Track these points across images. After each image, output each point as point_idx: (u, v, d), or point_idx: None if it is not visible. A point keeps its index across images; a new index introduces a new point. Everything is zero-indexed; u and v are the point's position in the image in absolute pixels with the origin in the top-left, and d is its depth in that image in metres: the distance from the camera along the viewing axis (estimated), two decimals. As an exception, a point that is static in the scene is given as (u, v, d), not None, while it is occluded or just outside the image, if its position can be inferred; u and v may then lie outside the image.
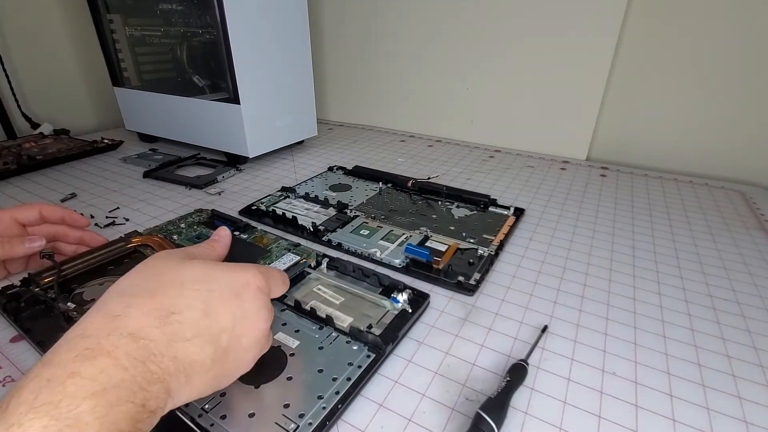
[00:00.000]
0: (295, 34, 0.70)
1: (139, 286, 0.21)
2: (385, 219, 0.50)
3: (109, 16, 0.75)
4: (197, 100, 0.69)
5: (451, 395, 0.28)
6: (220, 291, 0.22)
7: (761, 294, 0.39)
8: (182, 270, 0.22)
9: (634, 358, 0.31)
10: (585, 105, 0.73)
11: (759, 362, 0.31)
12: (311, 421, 0.24)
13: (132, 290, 0.21)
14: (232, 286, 0.22)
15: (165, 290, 0.21)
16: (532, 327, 0.34)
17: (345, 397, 0.26)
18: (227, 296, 0.22)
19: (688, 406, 0.27)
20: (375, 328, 0.32)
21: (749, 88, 0.63)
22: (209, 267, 0.23)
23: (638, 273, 0.41)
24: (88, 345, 0.17)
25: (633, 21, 0.67)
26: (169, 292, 0.21)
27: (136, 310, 0.19)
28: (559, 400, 0.27)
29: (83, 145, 0.75)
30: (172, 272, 0.22)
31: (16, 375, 0.29)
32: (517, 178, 0.66)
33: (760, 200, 0.59)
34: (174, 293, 0.21)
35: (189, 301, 0.21)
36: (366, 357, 0.29)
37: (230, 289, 0.22)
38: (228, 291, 0.22)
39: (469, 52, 0.81)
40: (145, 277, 0.22)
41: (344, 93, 1.01)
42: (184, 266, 0.23)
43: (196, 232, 0.46)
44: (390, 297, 0.35)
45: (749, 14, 0.60)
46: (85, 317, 0.19)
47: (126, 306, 0.19)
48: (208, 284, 0.22)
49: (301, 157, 0.75)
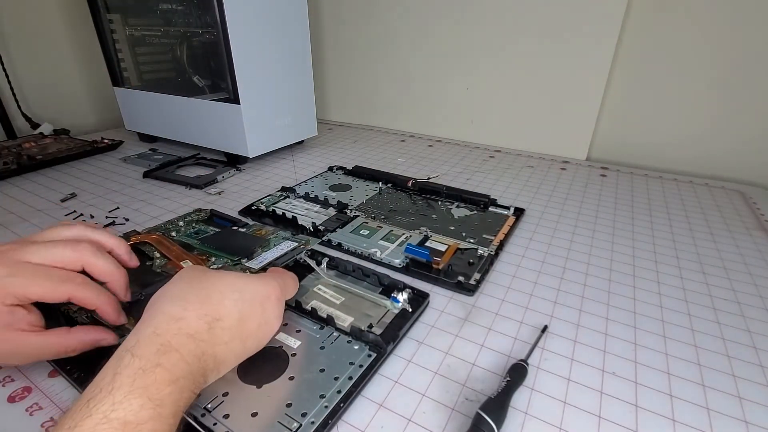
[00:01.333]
0: (295, 34, 0.70)
1: (190, 292, 0.24)
2: (385, 219, 0.50)
3: (109, 16, 0.75)
4: (197, 100, 0.69)
5: (451, 395, 0.28)
6: (251, 301, 0.26)
7: (761, 294, 0.39)
8: (220, 279, 0.26)
9: (634, 358, 0.31)
10: (585, 105, 0.73)
11: (759, 362, 0.31)
12: (313, 420, 0.25)
13: (185, 295, 0.24)
14: (258, 297, 0.27)
15: (210, 298, 0.25)
16: (532, 327, 0.34)
17: (347, 396, 0.26)
18: (255, 306, 0.26)
19: (688, 406, 0.27)
20: (376, 327, 0.32)
21: (749, 88, 0.63)
22: (240, 278, 0.27)
23: (638, 273, 0.41)
24: (162, 342, 0.21)
25: (633, 21, 0.67)
26: (213, 300, 0.25)
27: (192, 314, 0.23)
28: (559, 400, 0.27)
29: (83, 145, 0.75)
30: (212, 281, 0.26)
31: (15, 375, 0.29)
32: (517, 178, 0.66)
33: (760, 200, 0.59)
34: (217, 301, 0.25)
35: (228, 309, 0.25)
36: (367, 356, 0.30)
37: (257, 299, 0.26)
38: (256, 301, 0.26)
39: (469, 52, 0.81)
40: (192, 284, 0.25)
41: (344, 93, 1.01)
42: (220, 275, 0.27)
43: (194, 229, 0.47)
44: (390, 297, 0.35)
45: (749, 14, 0.60)
46: (152, 317, 0.23)
47: (183, 309, 0.23)
48: (241, 294, 0.26)
49: (301, 157, 0.75)
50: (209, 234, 0.46)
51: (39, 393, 0.27)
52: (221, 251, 0.42)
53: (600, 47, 0.69)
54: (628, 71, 0.71)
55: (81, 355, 0.29)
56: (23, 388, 0.28)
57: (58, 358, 0.27)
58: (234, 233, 0.46)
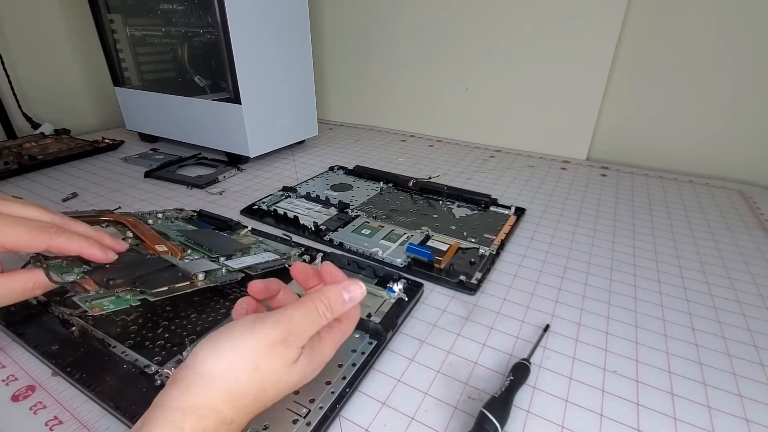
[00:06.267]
0: (296, 35, 0.70)
1: (248, 388, 0.21)
2: (387, 219, 0.50)
3: (110, 16, 0.75)
4: (198, 100, 0.69)
5: (454, 394, 0.28)
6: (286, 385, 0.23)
7: (761, 293, 0.39)
8: (287, 380, 0.22)
9: (636, 356, 0.31)
10: (585, 105, 0.74)
11: (759, 360, 0.31)
12: (322, 405, 0.26)
13: (242, 392, 0.20)
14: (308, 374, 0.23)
15: (265, 404, 0.21)
16: (534, 326, 0.34)
17: (351, 382, 0.28)
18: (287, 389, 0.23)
19: (689, 404, 0.27)
20: (374, 316, 0.33)
21: (749, 88, 0.64)
22: (304, 374, 0.23)
23: (639, 272, 0.42)
24: None
25: (633, 22, 0.67)
26: (267, 402, 0.22)
27: (243, 419, 0.21)
28: (561, 399, 0.28)
29: (84, 145, 0.75)
30: (279, 378, 0.22)
31: (19, 374, 0.29)
32: (518, 178, 0.66)
33: (760, 200, 0.59)
34: (269, 399, 0.22)
35: (271, 397, 0.22)
36: (368, 344, 0.31)
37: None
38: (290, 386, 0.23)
39: (469, 52, 0.81)
40: (254, 376, 0.21)
41: (345, 93, 1.01)
42: (289, 373, 0.22)
43: (176, 226, 0.44)
44: (386, 287, 0.36)
45: (749, 15, 0.60)
46: (200, 412, 0.19)
47: (237, 412, 0.20)
48: (287, 387, 0.22)
49: (302, 156, 0.75)
50: (189, 229, 0.44)
51: (43, 392, 0.28)
52: (200, 246, 0.39)
53: (600, 47, 0.69)
54: (628, 71, 0.71)
55: (82, 356, 0.29)
56: (27, 386, 0.28)
57: (23, 298, 0.28)
58: (215, 233, 0.44)
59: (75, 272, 0.29)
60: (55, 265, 0.29)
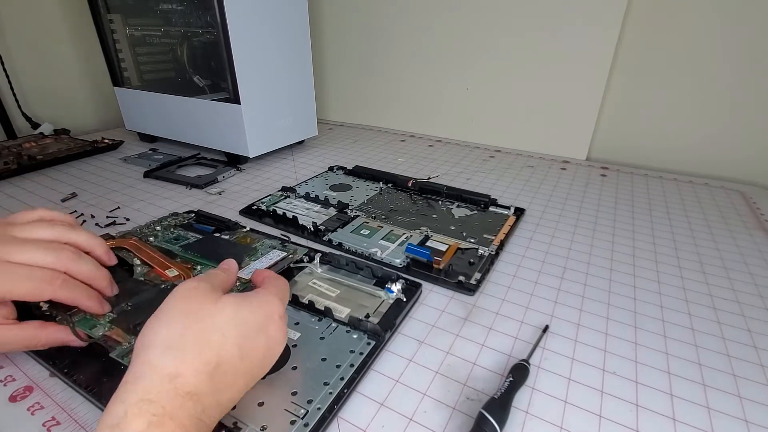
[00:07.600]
0: (296, 34, 0.70)
1: (184, 337, 0.21)
2: (386, 219, 0.50)
3: (110, 16, 0.75)
4: (198, 100, 0.69)
5: (452, 395, 0.28)
6: (255, 331, 0.23)
7: (761, 293, 0.39)
8: (219, 313, 0.23)
9: (635, 357, 0.31)
10: (585, 105, 0.74)
11: (759, 361, 0.31)
12: (320, 406, 0.26)
13: (179, 343, 0.21)
14: (259, 323, 0.24)
15: (210, 341, 0.21)
16: (533, 326, 0.34)
17: (349, 383, 0.27)
18: (259, 335, 0.23)
19: (688, 406, 0.27)
20: (372, 317, 0.33)
21: (749, 88, 0.64)
22: (238, 306, 0.23)
23: (638, 273, 0.42)
24: (155, 411, 0.18)
25: (633, 21, 0.67)
26: (213, 343, 0.21)
27: (189, 368, 0.20)
28: (560, 400, 0.27)
29: (83, 145, 0.75)
30: (211, 315, 0.22)
31: (17, 374, 0.29)
32: (518, 178, 0.66)
33: (760, 200, 0.59)
34: (218, 344, 0.21)
35: (230, 351, 0.22)
36: (366, 344, 0.31)
37: (258, 326, 0.24)
38: (257, 328, 0.23)
39: (469, 52, 0.81)
40: (188, 322, 0.22)
41: (344, 93, 1.01)
42: (218, 307, 0.23)
43: (173, 234, 0.44)
44: (384, 287, 0.36)
45: (749, 15, 0.60)
46: (142, 377, 0.19)
47: (180, 362, 0.20)
48: (242, 328, 0.23)
49: (302, 156, 0.75)
50: (191, 241, 0.43)
51: (40, 392, 0.28)
52: (207, 259, 0.39)
53: (600, 47, 0.69)
54: (628, 71, 0.71)
55: (79, 357, 0.29)
56: (24, 387, 0.28)
57: (29, 350, 0.29)
58: (217, 240, 0.44)
59: (101, 324, 0.30)
60: (81, 321, 0.30)
